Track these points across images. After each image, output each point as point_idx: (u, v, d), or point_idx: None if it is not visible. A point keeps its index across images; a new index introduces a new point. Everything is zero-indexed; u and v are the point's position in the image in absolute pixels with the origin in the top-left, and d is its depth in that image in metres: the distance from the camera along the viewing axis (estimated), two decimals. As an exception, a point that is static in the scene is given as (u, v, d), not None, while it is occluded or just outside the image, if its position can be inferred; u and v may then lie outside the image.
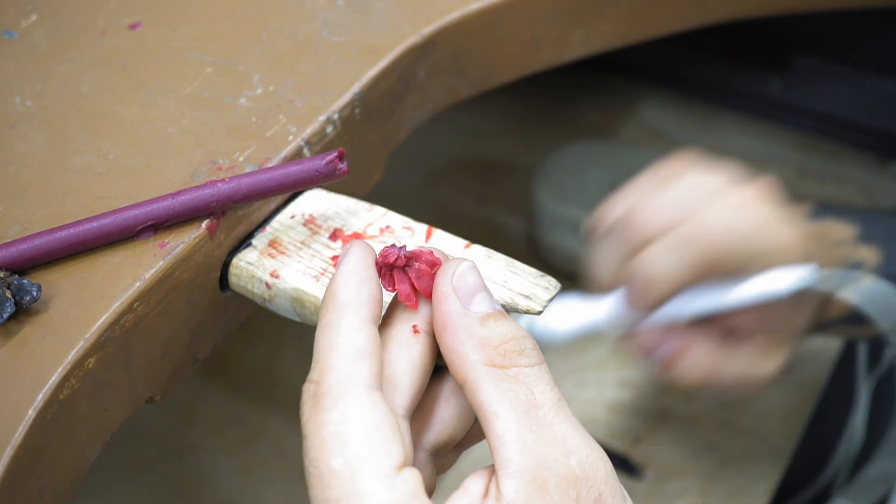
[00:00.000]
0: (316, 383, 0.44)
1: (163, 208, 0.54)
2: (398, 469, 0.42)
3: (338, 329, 0.45)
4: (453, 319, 0.46)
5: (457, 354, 0.46)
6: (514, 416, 0.44)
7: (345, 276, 0.46)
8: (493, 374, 0.45)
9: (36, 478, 0.49)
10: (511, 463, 0.43)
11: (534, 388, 0.44)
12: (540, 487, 0.42)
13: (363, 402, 0.43)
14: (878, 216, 0.72)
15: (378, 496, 0.41)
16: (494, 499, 0.42)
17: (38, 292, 0.51)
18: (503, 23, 0.70)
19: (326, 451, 0.42)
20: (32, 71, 0.64)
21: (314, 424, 0.43)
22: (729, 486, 0.89)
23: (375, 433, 0.42)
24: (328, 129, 0.61)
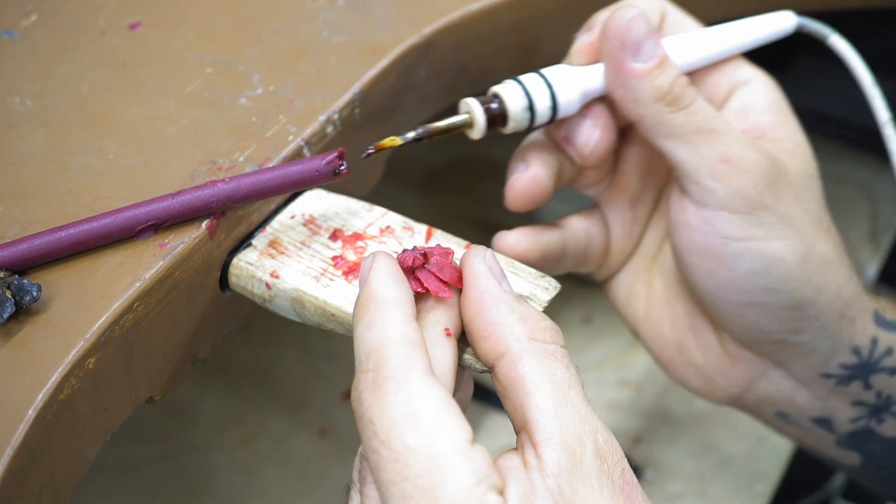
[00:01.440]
0: (374, 371, 0.45)
1: (163, 208, 0.54)
2: (471, 443, 0.43)
3: (385, 322, 0.46)
4: (494, 294, 0.48)
5: (498, 326, 0.47)
6: (553, 391, 0.45)
7: (379, 278, 0.47)
8: (536, 348, 0.46)
9: (36, 478, 0.49)
10: (553, 436, 0.44)
11: (569, 368, 0.46)
12: (578, 461, 0.44)
13: (427, 383, 0.44)
14: None
15: (460, 468, 0.42)
16: (538, 470, 0.44)
17: (38, 292, 0.51)
18: (503, 23, 0.70)
19: (399, 431, 0.43)
20: (32, 71, 0.64)
21: (379, 408, 0.43)
22: (729, 486, 0.89)
23: (444, 411, 0.43)
24: (328, 130, 0.61)
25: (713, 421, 0.93)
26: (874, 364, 0.62)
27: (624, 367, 0.98)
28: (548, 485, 0.43)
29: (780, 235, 0.58)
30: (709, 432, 0.93)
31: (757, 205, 0.57)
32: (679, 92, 0.57)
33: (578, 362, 0.98)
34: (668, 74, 0.57)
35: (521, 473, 0.44)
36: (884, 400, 0.64)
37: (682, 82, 0.57)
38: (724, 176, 0.57)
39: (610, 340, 1.00)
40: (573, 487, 0.43)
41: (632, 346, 0.99)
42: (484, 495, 0.42)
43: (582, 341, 1.00)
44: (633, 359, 0.98)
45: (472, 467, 0.42)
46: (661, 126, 0.57)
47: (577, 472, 0.44)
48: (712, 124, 0.57)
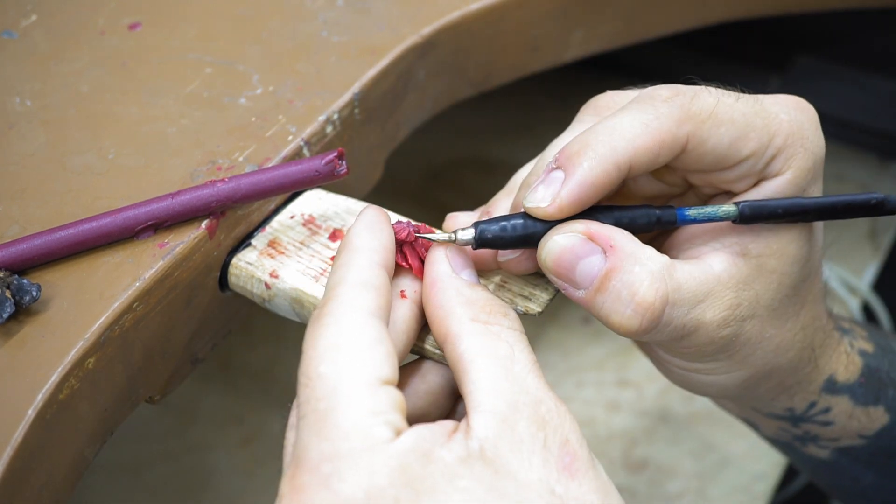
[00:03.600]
0: (321, 307, 0.47)
1: (162, 208, 0.54)
2: (383, 383, 0.44)
3: (348, 266, 0.48)
4: (443, 278, 0.49)
5: (442, 308, 0.48)
6: (492, 366, 0.46)
7: (358, 228, 0.50)
8: (476, 329, 0.47)
9: (36, 477, 0.49)
10: (483, 404, 0.45)
11: (514, 346, 0.47)
12: (510, 427, 0.44)
13: (362, 322, 0.46)
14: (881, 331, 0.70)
15: (358, 398, 0.44)
16: (464, 433, 0.44)
17: (37, 292, 0.51)
18: (503, 23, 0.70)
19: (317, 360, 0.45)
20: (32, 71, 0.64)
21: (311, 339, 0.46)
22: (729, 486, 0.89)
23: (367, 349, 0.45)
24: (328, 130, 0.61)
25: (713, 421, 0.93)
26: (807, 418, 0.64)
27: (624, 367, 0.98)
28: (468, 444, 0.44)
29: (727, 371, 0.57)
30: (709, 432, 0.93)
31: (709, 358, 0.56)
32: (635, 325, 0.51)
33: (578, 362, 0.99)
34: (614, 303, 0.50)
35: (438, 427, 0.44)
36: (811, 437, 0.65)
37: (640, 306, 0.50)
38: (681, 353, 0.56)
39: (610, 340, 0.99)
40: (497, 449, 0.44)
41: (632, 346, 0.99)
42: (372, 426, 0.43)
43: (582, 341, 1.00)
44: (633, 359, 0.98)
45: (370, 401, 0.43)
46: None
47: (505, 438, 0.44)
48: (678, 333, 0.52)
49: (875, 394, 0.64)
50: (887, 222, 1.08)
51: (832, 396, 0.63)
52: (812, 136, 0.54)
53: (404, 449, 0.43)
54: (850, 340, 0.64)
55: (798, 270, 0.55)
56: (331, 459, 0.43)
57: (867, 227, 1.08)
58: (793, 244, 0.54)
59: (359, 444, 0.43)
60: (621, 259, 0.50)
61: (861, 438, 0.65)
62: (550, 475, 0.44)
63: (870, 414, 0.64)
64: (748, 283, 0.53)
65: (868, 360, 0.64)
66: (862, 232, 1.07)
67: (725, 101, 0.52)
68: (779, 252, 0.54)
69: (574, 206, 0.50)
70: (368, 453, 0.43)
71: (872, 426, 0.65)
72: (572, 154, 0.50)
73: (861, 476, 0.68)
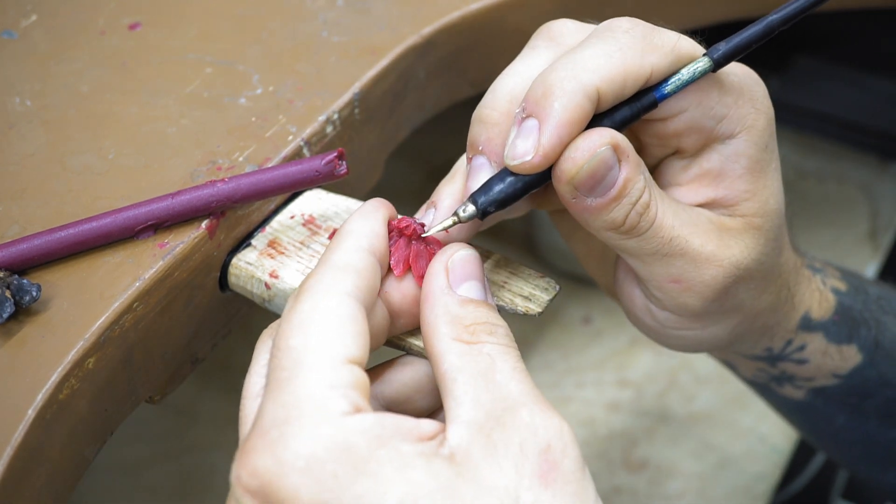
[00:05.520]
0: (302, 285, 0.47)
1: (162, 208, 0.54)
2: (349, 361, 0.44)
3: (335, 248, 0.48)
4: (434, 294, 0.49)
5: (429, 326, 0.48)
6: (472, 380, 0.45)
7: (354, 215, 0.50)
8: (457, 347, 0.47)
9: (36, 477, 0.49)
10: (461, 416, 0.44)
11: (496, 358, 0.46)
12: (485, 435, 0.44)
13: (337, 301, 0.46)
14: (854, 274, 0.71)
15: (319, 372, 0.44)
16: (438, 441, 0.44)
17: (37, 292, 0.51)
18: (503, 23, 0.70)
19: (289, 332, 0.45)
20: (32, 71, 0.64)
21: (287, 314, 0.46)
22: (729, 486, 0.89)
23: (338, 327, 0.45)
24: (328, 130, 0.61)
25: (713, 421, 0.93)
26: (783, 356, 0.65)
27: (624, 367, 0.98)
28: (439, 451, 0.43)
29: (718, 322, 0.58)
30: (709, 432, 0.93)
31: (701, 314, 0.56)
32: (634, 223, 0.51)
33: (578, 362, 0.99)
34: (625, 205, 0.51)
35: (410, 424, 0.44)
36: (787, 376, 0.66)
37: (641, 207, 0.51)
38: (673, 293, 0.55)
39: (610, 340, 1.00)
40: (468, 455, 0.43)
41: (632, 346, 0.99)
42: (328, 399, 0.43)
43: (582, 341, 1.00)
44: (633, 359, 0.98)
45: (332, 375, 0.43)
46: (614, 245, 0.53)
47: (478, 444, 0.43)
48: (666, 249, 0.52)
49: (848, 332, 0.65)
50: (887, 222, 1.08)
51: (808, 333, 0.64)
52: (762, 98, 0.54)
53: (357, 427, 0.42)
54: (823, 279, 0.65)
55: (777, 223, 0.56)
56: (279, 425, 0.43)
57: (867, 227, 1.08)
58: (771, 200, 0.56)
59: (309, 413, 0.43)
60: (635, 166, 0.50)
61: (835, 378, 0.66)
62: (521, 482, 0.43)
63: (843, 352, 0.65)
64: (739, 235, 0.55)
65: (841, 297, 0.65)
66: (862, 232, 1.07)
67: (686, 39, 0.52)
68: (760, 210, 0.55)
69: (558, 151, 0.49)
70: (317, 424, 0.42)
71: (846, 365, 0.66)
72: (540, 98, 0.49)
73: (834, 418, 0.69)
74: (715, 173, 0.54)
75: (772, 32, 0.52)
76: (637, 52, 0.50)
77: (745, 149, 0.54)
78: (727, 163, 0.54)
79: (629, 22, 0.51)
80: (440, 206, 0.53)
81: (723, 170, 0.54)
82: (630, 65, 0.50)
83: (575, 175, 0.49)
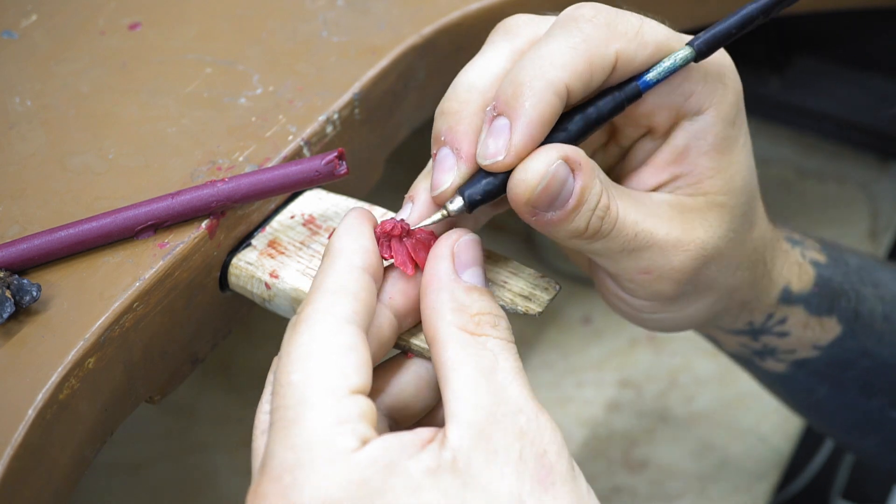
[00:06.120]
0: (299, 313, 0.47)
1: (162, 208, 0.54)
2: (352, 392, 0.44)
3: (326, 271, 0.48)
4: (441, 279, 0.49)
5: (434, 311, 0.48)
6: (473, 375, 0.45)
7: (339, 231, 0.49)
8: (461, 338, 0.47)
9: (36, 477, 0.49)
10: (461, 414, 0.44)
11: (498, 356, 0.46)
12: (485, 438, 0.44)
13: (334, 329, 0.45)
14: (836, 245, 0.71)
15: (324, 408, 0.43)
16: (439, 443, 0.44)
17: (37, 292, 0.51)
18: (503, 23, 0.70)
19: (289, 367, 0.45)
20: (32, 71, 0.64)
21: (286, 346, 0.45)
22: (729, 486, 0.89)
23: (338, 356, 0.45)
24: (328, 130, 0.61)
25: (713, 421, 0.93)
26: (765, 330, 0.65)
27: (624, 367, 0.98)
28: (440, 455, 0.43)
29: (695, 302, 0.58)
30: (709, 432, 0.93)
31: (676, 297, 0.56)
32: (596, 227, 0.51)
33: (578, 362, 0.98)
34: (585, 213, 0.50)
35: (410, 437, 0.44)
36: (769, 349, 0.67)
37: (601, 210, 0.51)
38: (644, 283, 0.55)
39: (610, 340, 1.00)
40: (469, 460, 0.43)
41: (632, 346, 0.99)
42: (336, 436, 0.43)
43: (582, 341, 1.00)
44: (633, 359, 0.98)
45: (337, 410, 0.43)
46: (578, 248, 0.53)
47: (480, 449, 0.43)
48: (633, 244, 0.53)
49: (829, 303, 0.65)
50: (887, 222, 1.08)
51: (788, 307, 0.64)
52: (730, 74, 0.54)
53: (367, 460, 0.42)
54: (802, 251, 0.65)
55: (746, 200, 0.56)
56: (291, 469, 0.42)
57: (867, 227, 1.08)
58: (737, 177, 0.55)
59: (321, 454, 0.42)
60: (589, 174, 0.50)
61: (816, 349, 0.66)
62: (523, 487, 0.43)
63: (823, 324, 0.66)
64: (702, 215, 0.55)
65: (821, 269, 0.65)
66: (862, 232, 1.07)
67: (650, 23, 0.52)
68: (725, 188, 0.55)
69: (529, 149, 0.49)
70: (328, 464, 0.42)
71: (826, 336, 0.66)
72: (509, 98, 0.49)
73: (815, 389, 0.70)
74: (681, 149, 0.54)
75: (751, 22, 0.52)
76: (601, 41, 0.50)
77: (713, 125, 0.54)
78: (693, 139, 0.54)
79: (591, 9, 0.51)
80: (417, 200, 0.53)
81: (688, 146, 0.54)
82: (595, 55, 0.50)
83: (530, 196, 0.49)
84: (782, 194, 1.07)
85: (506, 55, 0.52)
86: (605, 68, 0.50)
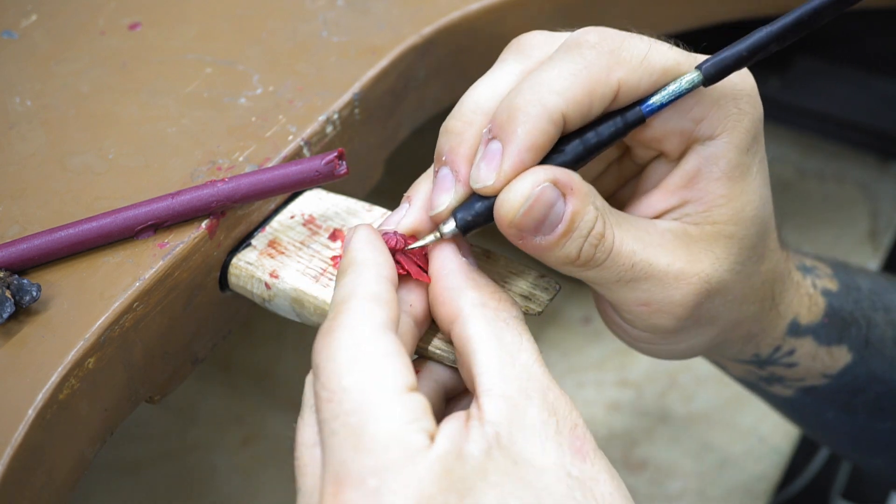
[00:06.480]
0: (332, 319, 0.46)
1: (162, 208, 0.54)
2: (409, 390, 0.44)
3: (357, 281, 0.47)
4: (455, 262, 0.49)
5: (453, 291, 0.48)
6: (500, 351, 0.46)
7: (358, 244, 0.49)
8: (485, 314, 0.47)
9: (36, 477, 0.49)
10: (494, 388, 0.45)
11: (521, 335, 0.47)
12: (521, 413, 0.44)
13: (377, 333, 0.45)
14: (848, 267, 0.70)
15: (389, 408, 0.43)
16: (477, 418, 0.44)
17: (37, 292, 0.51)
18: (503, 23, 0.70)
19: (338, 372, 0.44)
20: (32, 71, 0.64)
21: (326, 351, 0.45)
22: (729, 486, 0.89)
23: (387, 357, 0.45)
24: (328, 130, 0.61)
25: (713, 421, 0.93)
26: (772, 361, 0.64)
27: (624, 367, 0.98)
28: (485, 431, 0.44)
29: (695, 337, 0.57)
30: (709, 432, 0.93)
31: (676, 332, 0.55)
32: (589, 255, 0.50)
33: (578, 362, 0.98)
34: (577, 240, 0.49)
35: (458, 422, 0.44)
36: (776, 377, 0.66)
37: (594, 238, 0.50)
38: (643, 315, 0.54)
39: (610, 340, 0.99)
40: (511, 436, 0.44)
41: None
42: (410, 434, 0.43)
43: (582, 341, 1.00)
44: (633, 359, 0.98)
45: (402, 409, 0.43)
46: (572, 275, 0.52)
47: (517, 423, 0.44)
48: (630, 275, 0.51)
49: (839, 333, 0.64)
50: (887, 222, 1.08)
51: (796, 339, 0.63)
52: (747, 98, 0.52)
53: (443, 452, 0.43)
54: (814, 280, 0.64)
55: (755, 232, 0.54)
56: (376, 473, 0.42)
57: (867, 227, 1.08)
58: (748, 206, 0.54)
59: (400, 454, 0.42)
60: (581, 199, 0.49)
61: (825, 378, 0.66)
62: (564, 458, 0.44)
63: (833, 353, 0.65)
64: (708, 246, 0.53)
65: (831, 299, 0.64)
66: (862, 232, 1.07)
67: (658, 48, 0.50)
68: (734, 218, 0.53)
69: (518, 175, 0.49)
70: (412, 462, 0.42)
71: (836, 365, 0.65)
72: (504, 122, 0.48)
73: (824, 413, 0.69)
74: (692, 174, 0.53)
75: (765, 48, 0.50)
76: (603, 69, 0.49)
77: (725, 151, 0.52)
78: (705, 164, 0.52)
79: (597, 35, 0.50)
80: (414, 205, 0.52)
81: (699, 171, 0.53)
82: (596, 83, 0.49)
83: (513, 218, 0.48)
84: (782, 194, 1.07)
85: (515, 76, 0.51)
86: (606, 97, 0.49)
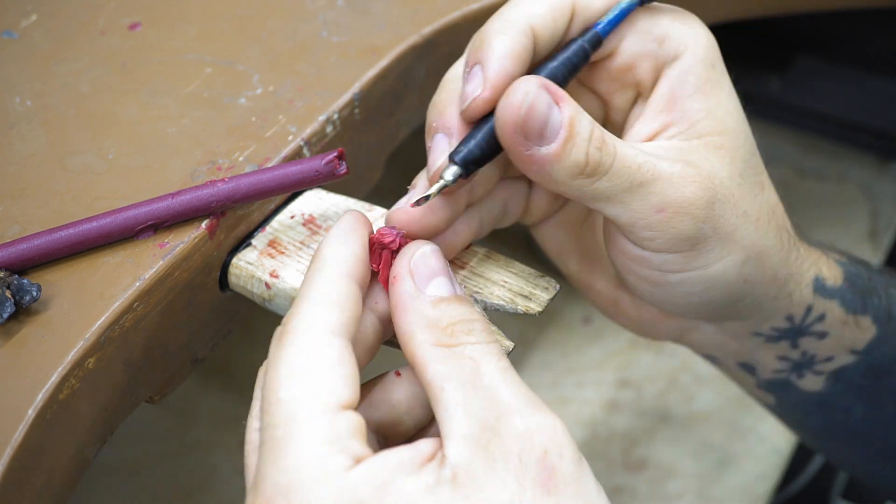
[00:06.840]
0: (284, 325, 0.46)
1: (162, 208, 0.54)
2: (342, 408, 0.44)
3: (313, 280, 0.47)
4: (405, 301, 0.48)
5: (406, 334, 0.47)
6: (460, 388, 0.45)
7: (329, 237, 0.49)
8: (439, 353, 0.46)
9: (36, 477, 0.49)
10: (455, 430, 0.44)
11: (480, 360, 0.46)
12: (483, 448, 0.43)
13: (321, 342, 0.45)
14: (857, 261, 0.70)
15: (313, 426, 0.43)
16: (439, 461, 0.44)
17: (37, 292, 0.51)
18: (503, 23, 0.70)
19: (277, 383, 0.44)
20: (32, 71, 0.64)
21: (274, 360, 0.45)
22: (729, 486, 0.89)
23: (326, 371, 0.44)
24: (328, 130, 0.61)
25: (713, 421, 0.93)
26: (805, 329, 0.64)
27: (624, 367, 0.98)
28: (441, 473, 0.43)
29: (721, 256, 0.56)
30: (709, 432, 0.93)
31: (698, 240, 0.55)
32: (597, 159, 0.50)
33: (578, 362, 0.98)
34: (581, 144, 0.50)
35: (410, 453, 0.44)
36: (808, 358, 0.66)
37: (597, 142, 0.50)
38: (661, 225, 0.53)
39: (610, 340, 1.00)
40: (471, 473, 0.43)
41: (632, 346, 0.99)
42: (328, 456, 0.42)
43: (582, 341, 1.00)
44: (633, 359, 0.98)
45: (327, 429, 0.43)
46: (586, 195, 0.52)
47: (479, 459, 0.43)
48: (639, 177, 0.52)
49: (862, 300, 0.65)
50: (887, 222, 1.08)
51: (825, 300, 0.63)
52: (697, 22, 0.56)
53: (360, 480, 0.42)
54: (823, 249, 0.65)
55: (743, 142, 0.56)
56: (284, 492, 0.42)
57: (867, 227, 1.08)
58: (728, 118, 0.55)
59: (311, 476, 0.42)
60: (574, 105, 0.50)
61: (853, 354, 0.66)
62: (524, 493, 0.43)
63: (860, 323, 0.65)
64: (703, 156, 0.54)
65: (846, 267, 0.65)
66: (862, 232, 1.08)
67: None
68: (718, 128, 0.55)
69: (505, 81, 0.50)
70: (320, 485, 0.42)
71: (864, 337, 0.65)
72: (477, 46, 0.51)
73: (852, 408, 0.69)
74: (668, 96, 0.55)
75: None
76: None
77: (693, 66, 0.54)
78: (677, 84, 0.55)
79: None
80: (417, 186, 0.53)
81: (674, 92, 0.55)
82: (554, 3, 0.52)
83: (516, 119, 0.49)
84: (782, 194, 1.07)
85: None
86: (565, 11, 0.52)
